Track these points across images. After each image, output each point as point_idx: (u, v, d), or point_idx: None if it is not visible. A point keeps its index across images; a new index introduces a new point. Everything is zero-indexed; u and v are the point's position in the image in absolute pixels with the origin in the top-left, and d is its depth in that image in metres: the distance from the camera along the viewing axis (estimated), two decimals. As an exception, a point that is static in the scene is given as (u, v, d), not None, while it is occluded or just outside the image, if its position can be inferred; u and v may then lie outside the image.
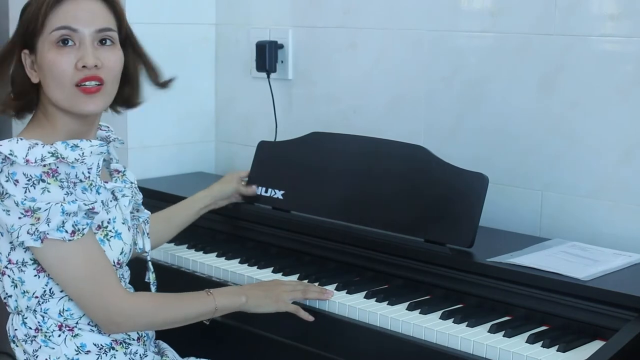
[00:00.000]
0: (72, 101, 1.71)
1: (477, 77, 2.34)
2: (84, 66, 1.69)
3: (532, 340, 1.72)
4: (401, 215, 2.10)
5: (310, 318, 1.91)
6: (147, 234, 1.94)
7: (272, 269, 2.16)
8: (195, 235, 2.44)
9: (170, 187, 2.62)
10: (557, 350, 1.69)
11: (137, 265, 1.99)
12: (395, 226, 2.10)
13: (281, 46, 2.77)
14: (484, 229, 2.06)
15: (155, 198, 2.43)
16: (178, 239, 2.39)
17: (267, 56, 2.75)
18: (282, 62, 2.77)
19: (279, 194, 2.34)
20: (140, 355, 1.83)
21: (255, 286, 1.96)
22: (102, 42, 1.74)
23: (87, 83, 1.71)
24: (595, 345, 1.70)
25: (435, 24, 2.42)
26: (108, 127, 1.93)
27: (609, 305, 1.74)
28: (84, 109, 1.72)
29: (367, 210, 2.16)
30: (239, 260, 2.24)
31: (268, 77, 2.78)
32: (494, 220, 2.23)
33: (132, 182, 1.89)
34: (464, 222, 1.99)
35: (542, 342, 1.72)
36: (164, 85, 1.92)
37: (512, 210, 2.29)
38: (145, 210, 1.95)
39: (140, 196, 1.94)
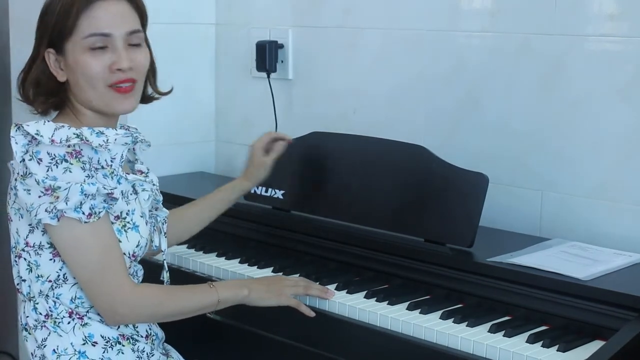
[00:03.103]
0: (106, 101, 1.77)
1: (477, 77, 2.34)
2: (118, 69, 1.74)
3: (532, 340, 1.72)
4: (401, 215, 2.10)
5: (312, 313, 1.91)
6: (165, 233, 1.95)
7: (272, 268, 2.16)
8: (195, 234, 2.43)
9: (170, 187, 2.62)
10: (557, 350, 1.69)
11: (149, 263, 2.01)
12: (395, 226, 2.10)
13: (281, 46, 2.77)
14: (484, 229, 2.06)
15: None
16: (178, 239, 2.39)
17: (267, 56, 2.75)
18: (282, 62, 2.77)
19: (279, 194, 2.34)
20: (147, 353, 1.83)
21: (257, 280, 1.97)
22: (132, 42, 1.78)
23: (121, 84, 1.76)
24: (595, 345, 1.70)
25: (435, 24, 2.42)
26: (136, 129, 1.93)
27: (609, 305, 1.74)
28: (118, 109, 1.78)
29: (367, 210, 2.16)
30: (239, 260, 2.24)
31: (268, 77, 2.78)
32: (494, 220, 2.22)
33: (154, 184, 1.91)
34: (464, 221, 1.99)
35: (542, 341, 1.72)
36: (158, 92, 1.94)
37: (512, 210, 2.29)
38: (164, 209, 1.96)
39: (160, 197, 1.96)
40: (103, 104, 1.77)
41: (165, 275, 1.96)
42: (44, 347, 1.77)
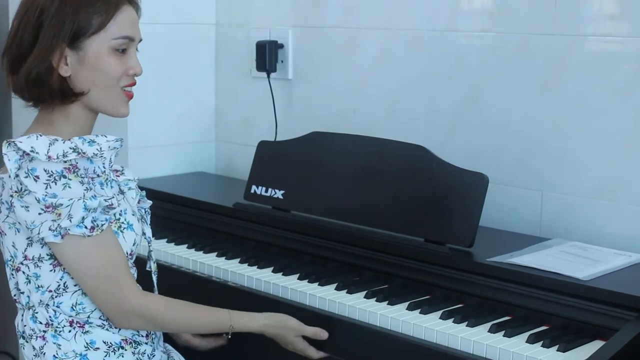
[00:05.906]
0: (114, 103, 1.78)
1: (477, 77, 2.34)
2: (134, 74, 1.78)
3: (532, 340, 1.72)
4: (401, 215, 2.10)
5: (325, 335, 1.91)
6: (150, 223, 1.94)
7: (272, 268, 2.16)
8: (195, 235, 2.44)
9: (170, 187, 2.62)
10: (557, 350, 1.69)
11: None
12: (395, 226, 2.10)
13: (281, 46, 2.77)
14: (484, 229, 2.06)
15: (155, 198, 2.42)
16: (178, 239, 2.39)
17: (267, 56, 2.75)
18: (282, 62, 2.77)
19: (279, 194, 2.34)
20: (148, 355, 1.83)
21: (273, 325, 1.91)
22: (137, 49, 1.82)
23: (131, 88, 1.80)
24: (595, 345, 1.70)
25: (435, 24, 2.42)
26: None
27: (609, 305, 1.74)
28: (123, 112, 1.81)
29: (367, 210, 2.16)
30: (239, 260, 2.23)
31: (268, 77, 2.78)
32: (494, 220, 2.23)
33: (135, 179, 1.90)
34: (464, 221, 1.99)
35: (542, 342, 1.72)
36: None
37: (512, 210, 2.28)
38: (147, 200, 1.96)
39: (143, 192, 1.95)
40: (110, 105, 1.78)
41: (152, 266, 1.95)
42: (43, 354, 1.76)
